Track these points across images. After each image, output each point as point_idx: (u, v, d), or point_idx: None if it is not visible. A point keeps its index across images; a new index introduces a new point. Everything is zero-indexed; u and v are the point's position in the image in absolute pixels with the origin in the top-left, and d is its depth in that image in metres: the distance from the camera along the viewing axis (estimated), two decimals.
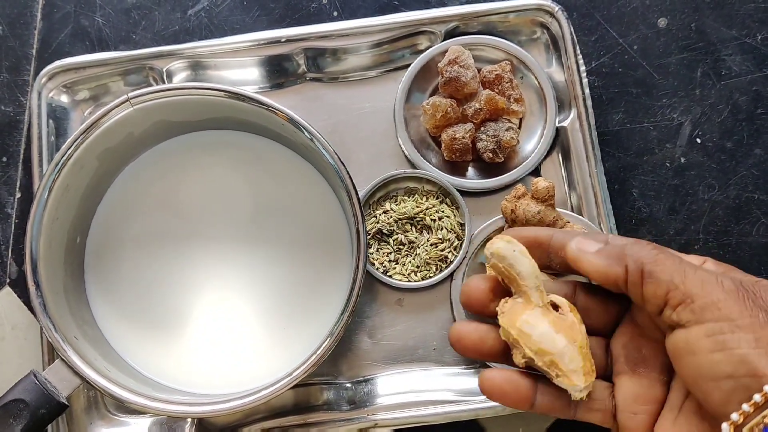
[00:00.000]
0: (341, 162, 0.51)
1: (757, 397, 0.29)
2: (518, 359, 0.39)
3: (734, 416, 0.29)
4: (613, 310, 0.41)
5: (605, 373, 0.40)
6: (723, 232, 0.59)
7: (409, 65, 0.59)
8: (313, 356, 0.49)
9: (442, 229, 0.57)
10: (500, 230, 0.56)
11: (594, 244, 0.37)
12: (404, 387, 0.56)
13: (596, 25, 0.62)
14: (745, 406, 0.29)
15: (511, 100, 0.58)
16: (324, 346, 0.49)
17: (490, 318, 0.41)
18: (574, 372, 0.37)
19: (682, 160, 0.60)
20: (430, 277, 0.57)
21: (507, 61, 0.59)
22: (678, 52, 0.61)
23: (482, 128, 0.58)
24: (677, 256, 0.35)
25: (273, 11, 0.63)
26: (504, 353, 0.41)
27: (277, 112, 0.52)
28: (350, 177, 0.51)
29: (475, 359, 0.42)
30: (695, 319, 0.31)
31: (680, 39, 0.61)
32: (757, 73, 0.61)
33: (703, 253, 0.58)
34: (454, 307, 0.56)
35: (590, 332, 0.40)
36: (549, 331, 0.37)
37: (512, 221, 0.55)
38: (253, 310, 0.56)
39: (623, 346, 0.39)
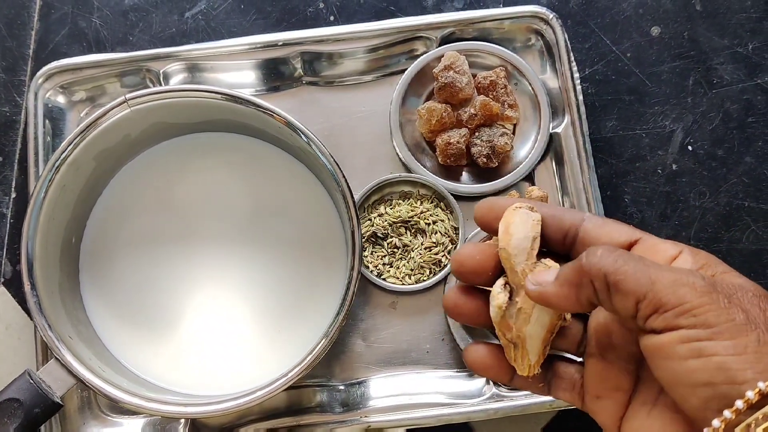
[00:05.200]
0: (337, 165, 0.51)
1: (740, 404, 0.28)
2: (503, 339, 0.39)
3: (715, 423, 0.28)
4: None
5: (579, 351, 0.39)
6: (713, 239, 0.60)
7: (404, 70, 0.59)
8: (308, 358, 0.49)
9: (436, 233, 0.57)
10: (489, 237, 0.57)
11: (548, 274, 0.35)
12: (397, 389, 0.56)
13: (590, 32, 0.63)
14: (727, 413, 0.28)
15: (506, 105, 0.58)
16: (318, 348, 0.49)
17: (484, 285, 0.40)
18: (528, 363, 0.38)
19: (674, 167, 0.61)
20: (424, 280, 0.57)
21: (502, 68, 0.59)
22: (670, 61, 0.62)
23: (477, 133, 0.58)
24: (641, 259, 0.32)
25: (270, 15, 0.63)
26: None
27: (275, 115, 0.52)
28: (346, 180, 0.51)
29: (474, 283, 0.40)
30: (668, 325, 0.30)
31: (673, 47, 0.62)
32: (748, 82, 0.62)
33: None
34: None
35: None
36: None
37: None
38: (247, 311, 0.56)
39: (595, 328, 0.38)
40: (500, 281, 0.38)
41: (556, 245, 0.38)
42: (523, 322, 0.37)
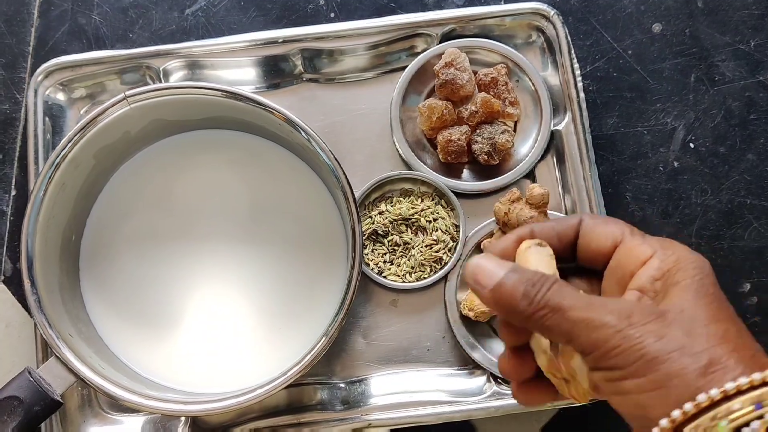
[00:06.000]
0: (338, 162, 0.51)
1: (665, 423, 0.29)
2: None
3: None
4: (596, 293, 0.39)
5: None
6: (715, 237, 0.60)
7: (405, 67, 0.59)
8: (308, 356, 0.49)
9: (437, 230, 0.57)
10: (491, 234, 0.57)
11: (490, 277, 0.34)
12: (398, 387, 0.56)
13: (591, 29, 0.62)
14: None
15: (507, 102, 0.58)
16: (319, 345, 0.49)
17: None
18: (582, 392, 0.37)
19: (676, 164, 0.61)
20: (425, 278, 0.57)
21: (503, 64, 0.59)
22: (672, 58, 0.62)
23: (478, 130, 0.58)
24: (558, 299, 0.33)
25: (270, 12, 0.63)
26: None
27: (275, 112, 0.52)
28: (346, 177, 0.51)
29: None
30: (593, 367, 0.32)
31: (674, 44, 0.62)
32: (750, 79, 0.61)
33: None
34: (448, 308, 0.57)
35: None
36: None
37: (504, 224, 0.55)
38: (247, 309, 0.56)
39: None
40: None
41: (568, 258, 0.39)
42: (569, 357, 0.36)
